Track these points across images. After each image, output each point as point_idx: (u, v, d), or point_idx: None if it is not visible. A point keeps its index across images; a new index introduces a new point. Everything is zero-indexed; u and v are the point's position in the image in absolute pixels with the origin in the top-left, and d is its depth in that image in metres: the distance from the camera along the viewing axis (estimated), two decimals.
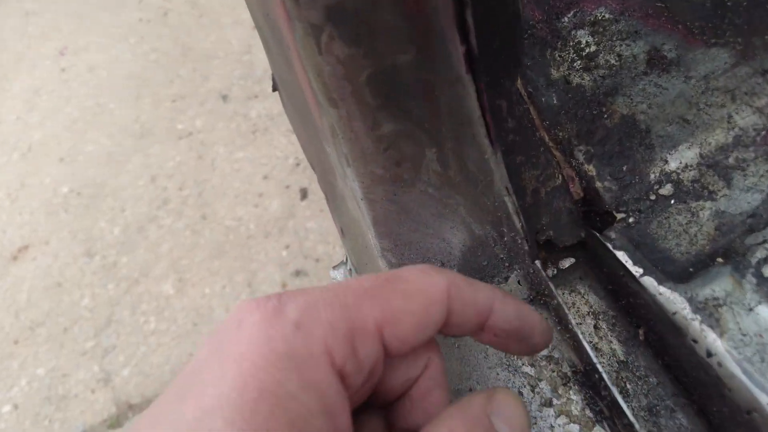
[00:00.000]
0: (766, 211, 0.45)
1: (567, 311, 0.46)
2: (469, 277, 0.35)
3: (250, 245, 2.18)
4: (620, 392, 0.48)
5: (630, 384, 0.49)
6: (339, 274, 0.65)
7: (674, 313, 0.43)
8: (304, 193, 2.28)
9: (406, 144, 0.44)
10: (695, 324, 0.42)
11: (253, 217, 2.24)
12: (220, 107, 2.56)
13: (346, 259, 0.65)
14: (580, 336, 0.47)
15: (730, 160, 0.47)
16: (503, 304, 0.35)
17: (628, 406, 0.43)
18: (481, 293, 0.34)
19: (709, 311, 0.42)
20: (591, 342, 0.50)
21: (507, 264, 0.50)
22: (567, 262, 0.54)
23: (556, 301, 0.47)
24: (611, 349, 0.50)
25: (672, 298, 0.43)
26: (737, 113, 0.48)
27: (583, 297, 0.53)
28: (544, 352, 0.49)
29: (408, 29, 0.36)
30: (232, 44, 2.81)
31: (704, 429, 0.46)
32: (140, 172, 2.49)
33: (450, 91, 0.40)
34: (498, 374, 0.49)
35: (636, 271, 0.45)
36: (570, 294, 0.53)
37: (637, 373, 0.49)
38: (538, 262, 0.47)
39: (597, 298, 0.53)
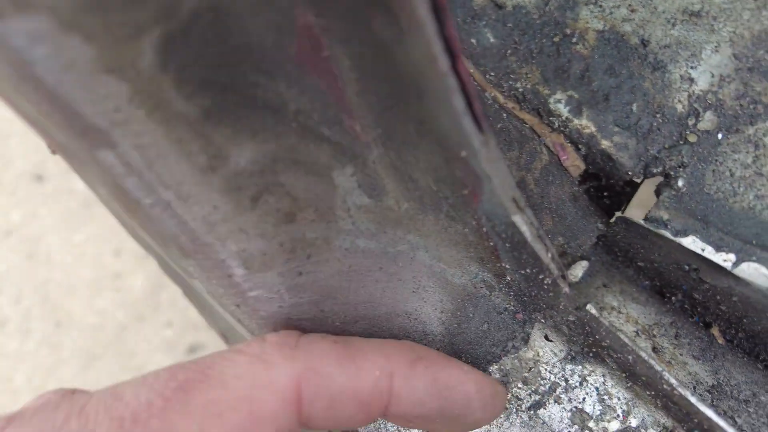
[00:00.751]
0: None
1: (646, 356, 0.27)
2: (357, 344, 0.24)
3: (125, 338, 1.80)
4: None
5: (740, 417, 0.32)
6: None
7: None
8: None
9: (294, 175, 0.22)
10: None
11: (117, 304, 1.85)
12: (37, 190, 2.10)
13: None
14: (670, 380, 0.28)
15: None
16: (408, 381, 0.23)
17: None
18: (366, 374, 0.22)
19: None
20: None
21: (521, 315, 0.29)
22: (579, 269, 0.35)
23: (630, 357, 0.27)
24: (691, 373, 0.33)
25: None
26: None
27: (620, 313, 0.34)
28: (615, 425, 0.30)
29: None
30: None
31: None
32: None
33: (361, 36, 0.18)
34: None
35: (725, 260, 0.27)
36: (601, 314, 0.34)
37: (741, 396, 0.32)
38: (591, 306, 0.28)
39: (639, 306, 0.35)
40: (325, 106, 0.21)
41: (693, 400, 0.26)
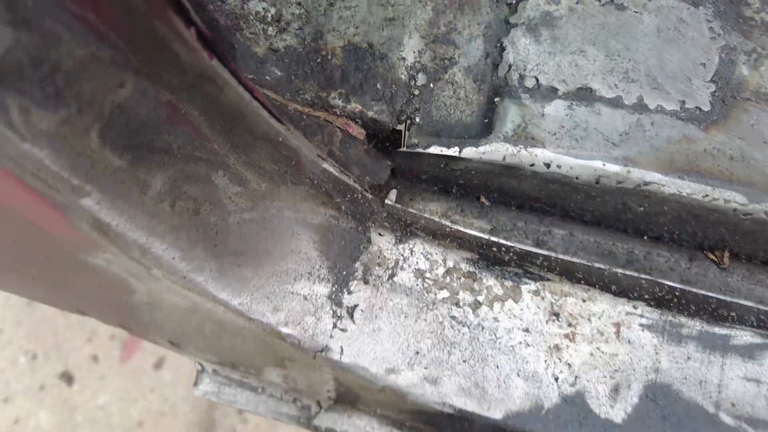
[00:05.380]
0: (491, 48, 0.51)
1: (437, 218, 0.46)
2: None
3: None
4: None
5: (510, 240, 0.52)
6: (208, 387, 0.54)
7: (504, 158, 0.46)
8: (68, 379, 1.87)
9: (190, 184, 0.37)
10: (523, 153, 0.45)
11: None
12: None
13: (201, 365, 0.54)
14: (457, 226, 0.47)
15: (442, 28, 0.52)
16: None
17: (525, 244, 0.45)
18: None
19: (522, 138, 0.46)
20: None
21: (361, 228, 0.47)
22: (393, 195, 0.53)
23: (423, 221, 0.46)
24: (478, 227, 0.52)
25: (493, 149, 0.46)
26: None
27: (425, 210, 0.53)
28: (441, 270, 0.48)
29: (114, 53, 0.29)
30: None
31: (576, 224, 0.51)
32: None
33: (199, 96, 0.34)
34: (424, 324, 0.47)
35: (454, 151, 0.47)
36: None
37: (507, 227, 0.52)
38: (388, 200, 0.45)
39: (435, 202, 0.54)
40: (192, 140, 0.36)
41: (464, 229, 0.45)
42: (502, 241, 0.45)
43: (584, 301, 0.48)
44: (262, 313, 0.42)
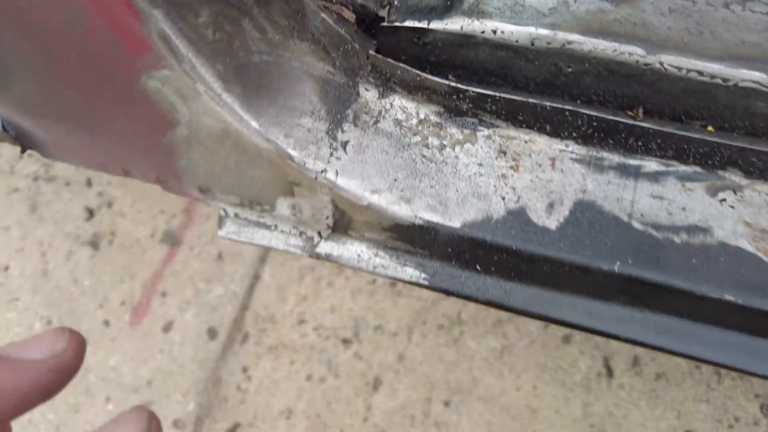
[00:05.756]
0: None
1: (409, 68, 0.59)
2: None
3: None
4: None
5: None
6: (230, 228, 0.67)
7: (461, 28, 0.60)
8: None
9: (227, 22, 0.50)
10: (476, 23, 0.59)
11: (43, 407, 1.85)
12: None
13: (225, 211, 0.67)
14: (425, 75, 0.61)
15: None
16: None
17: (485, 89, 0.58)
18: None
19: (475, 12, 0.60)
20: None
21: (351, 83, 0.60)
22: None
23: (399, 71, 0.59)
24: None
25: (454, 21, 0.60)
26: None
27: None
28: (414, 120, 0.62)
29: None
30: None
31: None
32: None
33: None
34: (401, 160, 0.60)
35: (424, 24, 0.61)
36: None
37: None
38: (371, 53, 0.59)
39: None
40: None
41: (430, 77, 0.58)
42: (460, 86, 0.59)
43: (526, 142, 0.61)
44: (277, 137, 0.55)
